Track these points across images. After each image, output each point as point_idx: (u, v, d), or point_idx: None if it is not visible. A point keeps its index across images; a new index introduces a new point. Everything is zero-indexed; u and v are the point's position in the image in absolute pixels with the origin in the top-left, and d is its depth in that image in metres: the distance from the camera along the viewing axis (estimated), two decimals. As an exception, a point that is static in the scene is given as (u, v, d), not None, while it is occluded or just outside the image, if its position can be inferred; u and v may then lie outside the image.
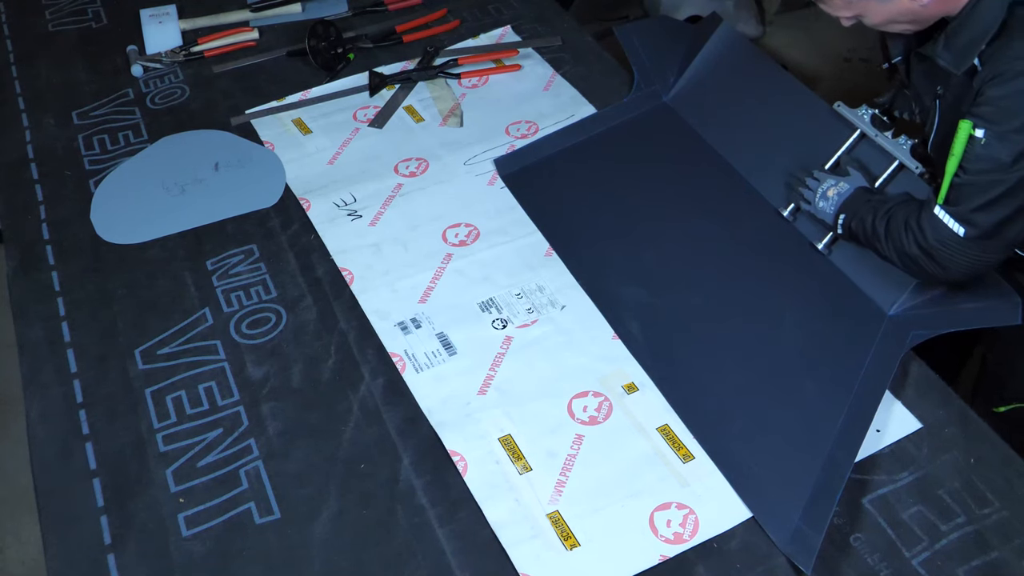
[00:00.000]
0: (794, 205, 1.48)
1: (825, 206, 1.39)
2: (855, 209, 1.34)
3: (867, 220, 1.31)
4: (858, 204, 1.34)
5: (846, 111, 1.46)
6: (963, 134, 1.18)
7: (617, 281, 1.45)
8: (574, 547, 1.14)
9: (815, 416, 1.25)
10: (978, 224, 1.19)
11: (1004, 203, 1.17)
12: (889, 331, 1.32)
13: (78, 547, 1.16)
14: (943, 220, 1.21)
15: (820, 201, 1.40)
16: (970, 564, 1.10)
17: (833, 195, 1.38)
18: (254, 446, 1.26)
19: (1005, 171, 1.16)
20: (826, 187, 1.39)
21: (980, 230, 1.19)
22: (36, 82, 1.91)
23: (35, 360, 1.38)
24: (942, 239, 1.21)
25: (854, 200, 1.35)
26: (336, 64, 1.90)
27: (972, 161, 1.18)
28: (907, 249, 1.25)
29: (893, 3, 1.24)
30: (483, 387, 1.32)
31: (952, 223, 1.20)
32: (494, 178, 1.64)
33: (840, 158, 1.46)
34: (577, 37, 1.95)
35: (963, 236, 1.20)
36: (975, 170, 1.18)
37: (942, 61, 1.25)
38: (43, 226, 1.59)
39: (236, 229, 1.57)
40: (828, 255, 1.43)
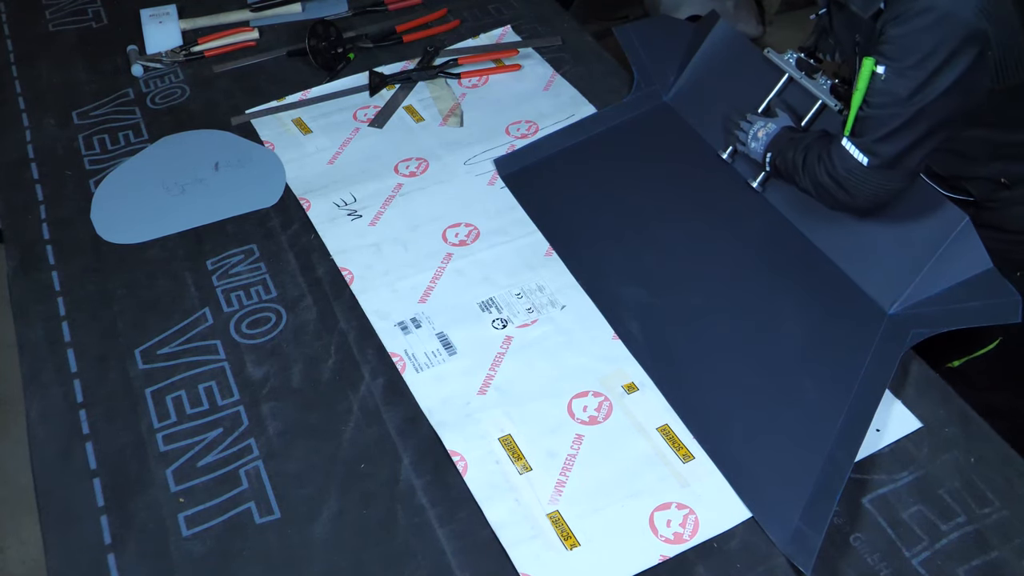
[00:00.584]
0: (732, 148, 1.59)
1: (756, 146, 1.49)
2: (780, 147, 1.44)
3: (788, 156, 1.41)
4: (782, 142, 1.45)
5: (774, 56, 1.56)
6: (866, 70, 1.27)
7: (617, 281, 1.45)
8: (574, 547, 1.14)
9: (815, 416, 1.25)
10: (880, 154, 1.28)
11: (903, 135, 1.26)
12: (889, 330, 1.32)
13: (78, 547, 1.17)
14: (849, 151, 1.30)
15: (752, 142, 1.50)
16: (970, 564, 1.10)
17: (762, 135, 1.49)
18: (254, 446, 1.26)
19: (903, 105, 1.24)
20: (756, 128, 1.50)
21: (882, 159, 1.28)
22: (36, 82, 1.91)
23: (35, 360, 1.38)
24: (849, 168, 1.31)
25: (779, 138, 1.46)
26: (336, 64, 1.90)
27: (874, 95, 1.27)
28: (819, 178, 1.35)
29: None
30: (483, 387, 1.32)
31: (857, 153, 1.30)
32: (494, 178, 1.64)
33: (770, 101, 1.56)
34: (577, 37, 1.95)
35: (867, 165, 1.29)
36: (877, 104, 1.27)
37: (853, 6, 1.33)
38: (43, 226, 1.59)
39: (236, 229, 1.57)
40: (762, 192, 1.54)
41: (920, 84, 1.23)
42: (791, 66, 1.53)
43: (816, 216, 1.47)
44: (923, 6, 1.21)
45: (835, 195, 1.34)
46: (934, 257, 1.31)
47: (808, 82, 1.50)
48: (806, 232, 1.48)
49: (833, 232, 1.45)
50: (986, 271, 1.29)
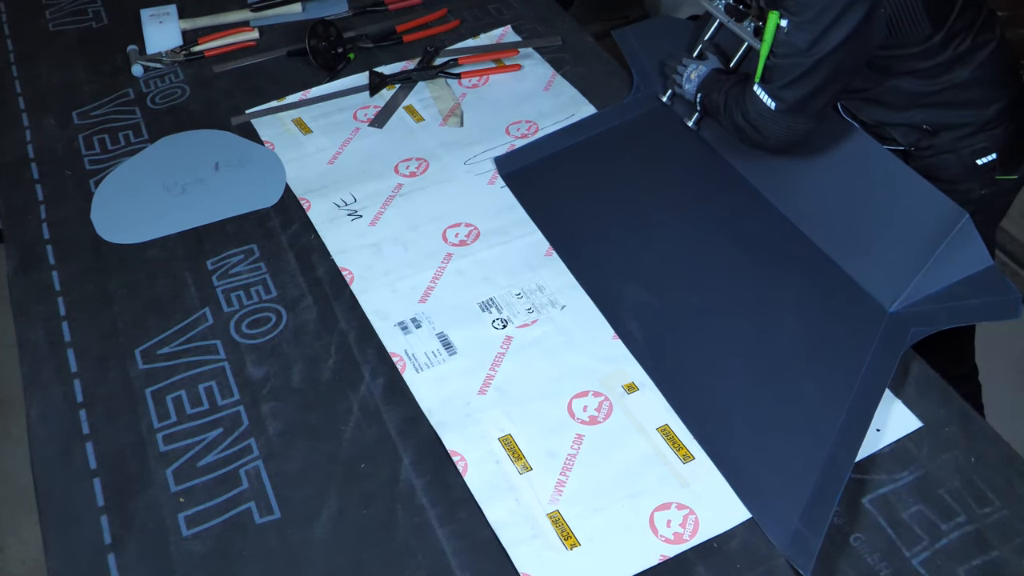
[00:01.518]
0: (671, 91, 1.69)
1: (689, 88, 1.61)
2: (708, 88, 1.57)
3: (714, 96, 1.54)
4: (711, 83, 1.57)
5: (705, 2, 1.65)
6: (772, 23, 1.38)
7: (617, 281, 1.45)
8: (574, 547, 1.14)
9: (815, 415, 1.25)
10: (785, 99, 1.39)
11: (805, 82, 1.37)
12: (889, 329, 1.32)
13: (78, 547, 1.16)
14: (759, 96, 1.42)
15: (686, 84, 1.62)
16: (970, 563, 1.10)
17: (695, 77, 1.60)
18: (254, 446, 1.26)
19: (803, 55, 1.35)
20: (689, 71, 1.61)
21: (787, 104, 1.40)
22: (36, 82, 1.91)
23: (35, 360, 1.38)
24: (759, 111, 1.42)
25: (708, 80, 1.58)
26: (336, 64, 1.90)
27: (778, 46, 1.38)
28: (736, 120, 1.47)
29: None
30: (483, 387, 1.32)
31: (766, 98, 1.41)
32: (494, 178, 1.64)
33: (703, 45, 1.66)
34: (577, 37, 1.95)
35: (774, 109, 1.41)
36: (781, 54, 1.38)
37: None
38: (43, 226, 1.59)
39: (236, 229, 1.57)
40: (698, 131, 1.65)
41: (816, 36, 1.33)
42: (720, 11, 1.62)
43: (817, 215, 1.47)
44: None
45: (750, 136, 1.47)
46: (934, 255, 1.31)
47: (735, 26, 1.59)
48: (806, 231, 1.48)
49: (833, 231, 1.45)
50: (987, 268, 1.29)
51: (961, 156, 1.52)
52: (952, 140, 1.51)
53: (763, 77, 1.42)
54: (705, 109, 1.60)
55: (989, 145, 1.51)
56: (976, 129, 1.50)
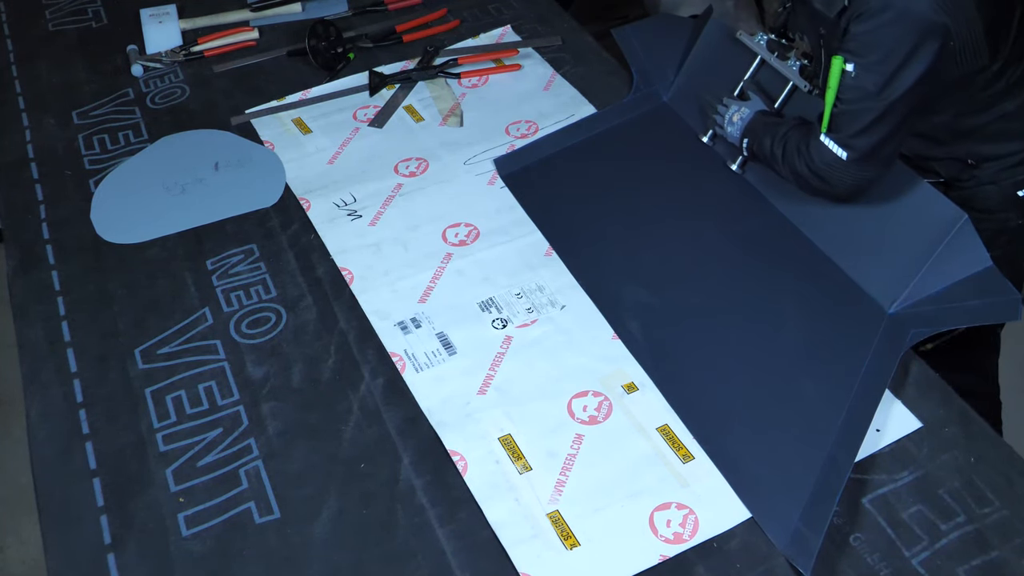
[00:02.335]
0: (712, 132, 1.60)
1: (732, 131, 1.52)
2: (755, 132, 1.48)
3: (766, 143, 1.45)
4: (758, 127, 1.48)
5: (745, 38, 1.57)
6: (836, 69, 1.30)
7: (617, 281, 1.45)
8: (574, 547, 1.14)
9: (815, 416, 1.25)
10: (857, 147, 1.32)
11: (877, 128, 1.31)
12: (889, 330, 1.32)
13: (78, 547, 1.16)
14: (827, 145, 1.35)
15: (728, 126, 1.53)
16: (970, 564, 1.10)
17: (737, 120, 1.51)
18: (254, 446, 1.26)
19: (874, 100, 1.29)
20: (731, 113, 1.53)
21: (859, 152, 1.33)
22: (36, 82, 1.91)
23: (35, 360, 1.38)
24: (827, 162, 1.35)
25: (755, 124, 1.49)
26: (336, 64, 1.90)
27: (845, 92, 1.31)
28: (799, 170, 1.39)
29: None
30: (483, 387, 1.32)
31: (835, 148, 1.34)
32: (494, 178, 1.64)
33: (744, 84, 1.58)
34: (577, 37, 1.95)
35: (845, 159, 1.33)
36: (849, 100, 1.31)
37: (817, 4, 1.38)
38: (43, 226, 1.59)
39: (236, 229, 1.57)
40: (742, 175, 1.56)
41: (887, 79, 1.27)
42: (762, 48, 1.55)
43: (816, 216, 1.47)
44: (882, 3, 1.26)
45: (815, 185, 1.39)
46: (933, 256, 1.31)
47: (779, 64, 1.52)
48: (806, 231, 1.48)
49: (833, 231, 1.45)
50: (986, 269, 1.29)
51: (1003, 187, 1.48)
52: (995, 172, 1.48)
53: (830, 126, 1.34)
54: (752, 154, 1.51)
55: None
56: (1020, 160, 1.46)
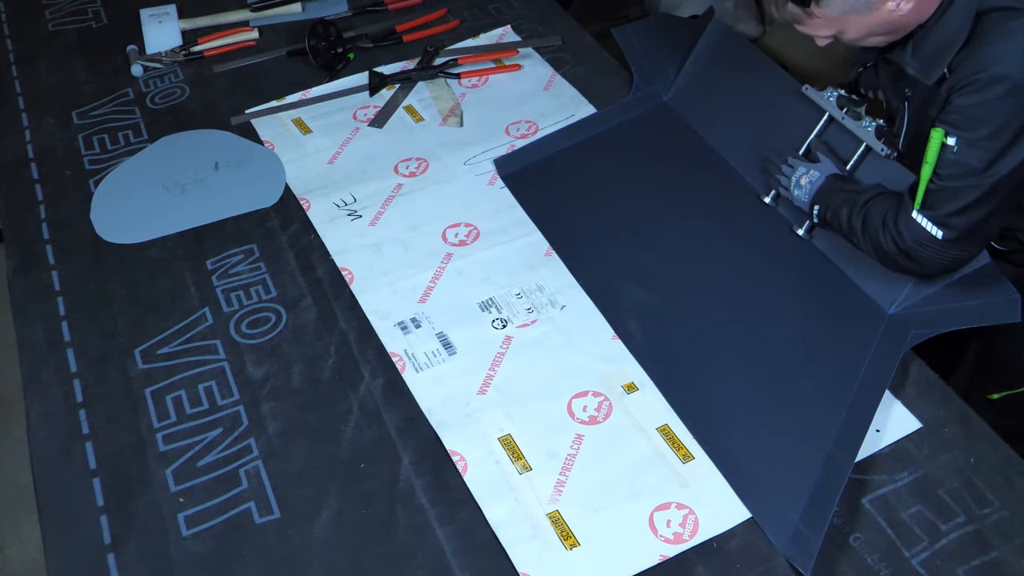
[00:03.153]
0: (775, 192, 1.50)
1: (800, 194, 1.41)
2: (828, 199, 1.36)
3: (842, 213, 1.33)
4: (831, 194, 1.36)
5: (813, 94, 1.47)
6: (935, 142, 1.20)
7: (617, 281, 1.45)
8: (574, 547, 1.14)
9: (815, 416, 1.25)
10: (955, 227, 1.22)
11: (979, 207, 1.21)
12: (889, 330, 1.32)
13: (78, 547, 1.16)
14: (920, 223, 1.24)
15: (795, 189, 1.42)
16: (970, 564, 1.10)
17: (806, 183, 1.40)
18: (254, 446, 1.26)
19: (978, 176, 1.19)
20: (799, 175, 1.42)
21: (958, 232, 1.23)
22: (36, 82, 1.91)
23: (35, 360, 1.38)
24: (920, 240, 1.24)
25: (827, 189, 1.37)
26: (336, 64, 1.90)
27: (945, 167, 1.21)
28: (884, 247, 1.28)
29: (873, 14, 1.24)
30: (483, 387, 1.32)
31: (929, 226, 1.23)
32: (494, 178, 1.64)
33: (811, 143, 1.47)
34: (577, 37, 1.95)
35: (941, 238, 1.23)
36: (949, 175, 1.21)
37: (911, 69, 1.29)
38: (43, 226, 1.59)
39: (236, 229, 1.57)
40: (809, 239, 1.45)
41: (996, 155, 1.18)
42: (831, 105, 1.43)
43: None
44: (994, 75, 1.17)
45: (902, 263, 1.28)
46: None
47: (851, 123, 1.40)
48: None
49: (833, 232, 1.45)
50: (984, 266, 1.29)
51: None
52: None
53: (924, 202, 1.23)
54: (826, 223, 1.39)
55: None
56: None
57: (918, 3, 1.23)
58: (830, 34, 1.29)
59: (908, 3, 1.22)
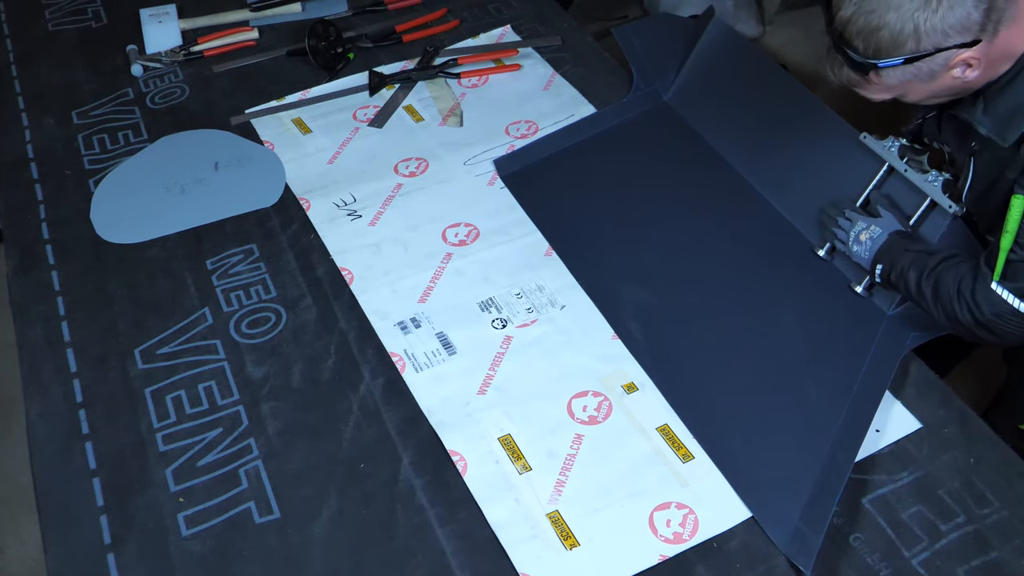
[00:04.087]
0: (830, 245, 1.42)
1: (859, 251, 1.33)
2: (893, 259, 1.28)
3: (910, 276, 1.25)
4: (896, 254, 1.28)
5: (872, 143, 1.38)
6: (1016, 210, 1.13)
7: (617, 281, 1.45)
8: (574, 547, 1.14)
9: (815, 416, 1.25)
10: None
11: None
12: (889, 331, 1.32)
13: (78, 547, 1.17)
14: (1000, 294, 1.17)
15: (854, 245, 1.34)
16: (970, 564, 1.10)
17: (866, 239, 1.32)
18: (254, 446, 1.26)
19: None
20: (858, 230, 1.34)
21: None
22: (36, 82, 1.91)
23: (35, 360, 1.38)
24: (1000, 313, 1.17)
25: (891, 248, 1.29)
26: (336, 64, 1.90)
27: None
28: (960, 317, 1.20)
29: (937, 82, 1.16)
30: (483, 387, 1.32)
31: (1011, 298, 1.16)
32: (494, 178, 1.64)
33: (870, 194, 1.39)
34: (577, 37, 1.95)
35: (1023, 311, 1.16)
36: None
37: (983, 129, 1.21)
38: (43, 226, 1.59)
39: (236, 229, 1.57)
40: (870, 297, 1.38)
41: None
42: (893, 156, 1.36)
43: (815, 217, 1.47)
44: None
45: (976, 333, 1.21)
46: None
47: (916, 176, 1.32)
48: (805, 232, 1.48)
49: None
50: None
51: None
52: None
53: (1004, 274, 1.16)
54: (889, 283, 1.30)
55: None
56: None
57: (986, 69, 1.15)
58: (889, 97, 1.22)
59: (975, 72, 1.14)
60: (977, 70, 1.14)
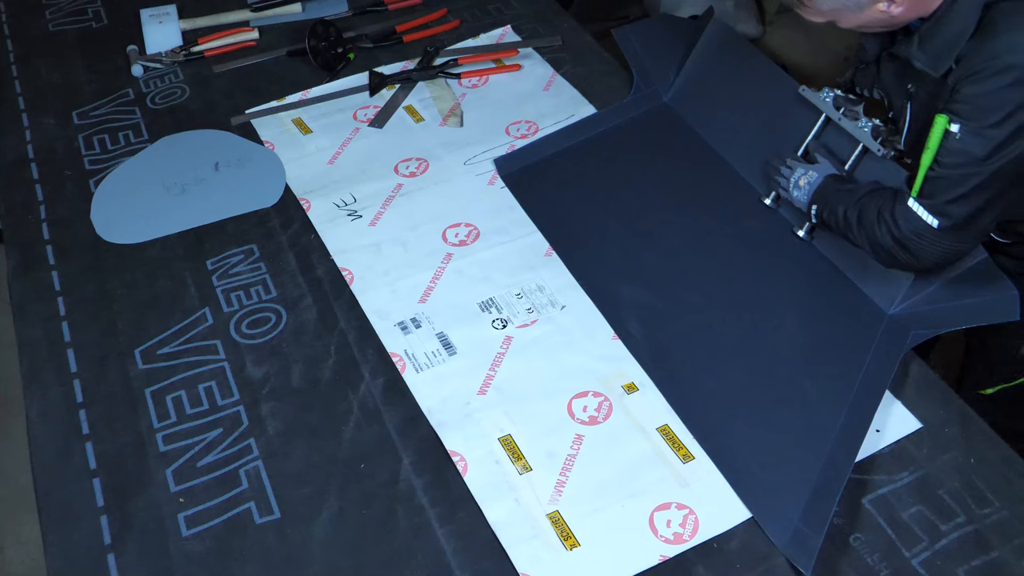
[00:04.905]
0: (775, 193, 1.51)
1: (799, 195, 1.42)
2: (826, 199, 1.37)
3: (838, 210, 1.34)
4: (829, 194, 1.37)
5: (809, 94, 1.47)
6: (938, 129, 1.21)
7: (617, 281, 1.45)
8: (574, 547, 1.14)
9: (815, 416, 1.25)
10: (952, 215, 1.22)
11: (977, 195, 1.21)
12: (889, 330, 1.32)
13: (78, 547, 1.16)
14: (917, 212, 1.24)
15: (794, 190, 1.43)
16: (970, 564, 1.10)
17: (804, 184, 1.41)
18: (254, 446, 1.26)
19: (979, 164, 1.19)
20: (797, 176, 1.43)
21: (953, 221, 1.22)
22: (36, 82, 1.91)
23: (35, 360, 1.38)
24: (916, 230, 1.24)
25: (825, 189, 1.38)
26: (336, 64, 1.90)
27: (946, 155, 1.21)
28: (880, 239, 1.28)
29: (865, 12, 1.25)
30: (483, 387, 1.32)
31: (926, 215, 1.23)
32: (494, 178, 1.64)
33: (809, 144, 1.48)
34: (577, 37, 1.95)
35: (937, 227, 1.23)
36: (950, 164, 1.21)
37: (918, 63, 1.28)
38: (43, 226, 1.59)
39: (236, 229, 1.57)
40: (810, 242, 1.46)
41: (999, 144, 1.18)
42: (828, 106, 1.44)
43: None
44: (1003, 65, 1.17)
45: (897, 256, 1.27)
46: None
47: (848, 124, 1.40)
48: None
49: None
50: (983, 263, 1.29)
51: None
52: None
53: (922, 191, 1.24)
54: (824, 223, 1.39)
55: None
56: None
57: (912, 6, 1.24)
58: (823, 21, 1.31)
59: (899, 7, 1.23)
60: (901, 6, 1.23)
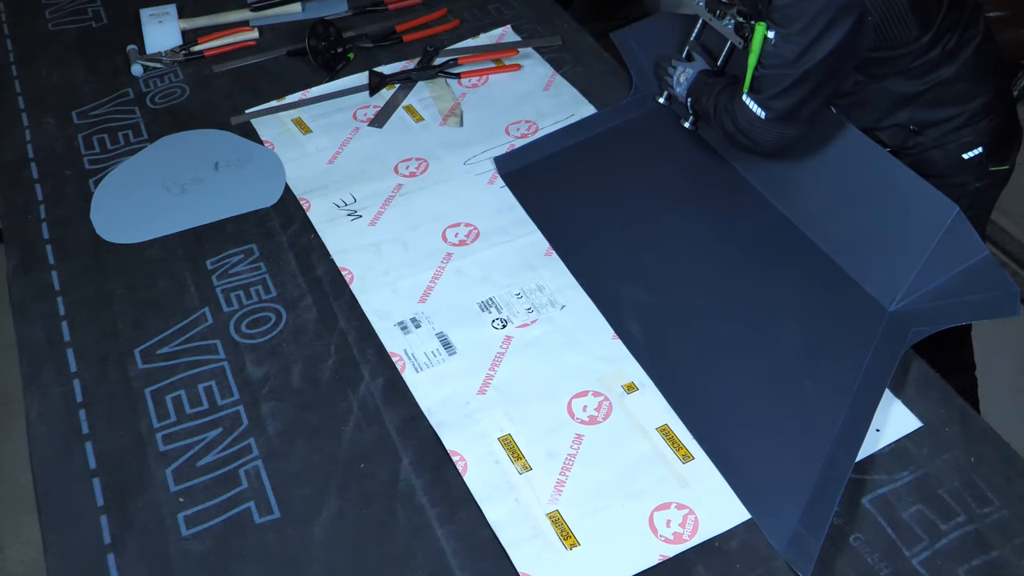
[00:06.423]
0: (667, 92, 1.70)
1: (680, 90, 1.62)
2: (697, 92, 1.58)
3: (702, 101, 1.55)
4: (699, 87, 1.58)
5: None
6: (759, 35, 1.38)
7: (617, 281, 1.45)
8: (574, 547, 1.14)
9: (815, 415, 1.25)
10: (775, 108, 1.40)
11: (794, 92, 1.38)
12: (889, 328, 1.32)
13: (78, 547, 1.16)
14: (749, 105, 1.43)
15: (676, 87, 1.63)
16: (970, 564, 1.10)
17: (683, 80, 1.62)
18: (254, 446, 1.26)
19: (791, 66, 1.36)
20: (678, 73, 1.63)
21: (777, 113, 1.40)
22: (36, 82, 1.91)
23: (35, 360, 1.38)
24: (749, 120, 1.43)
25: (697, 83, 1.59)
26: (336, 64, 1.90)
27: (766, 57, 1.39)
28: (726, 127, 1.48)
29: None
30: (483, 387, 1.32)
31: (755, 108, 1.42)
32: (494, 178, 1.64)
33: (689, 45, 1.66)
34: (577, 37, 1.95)
35: (764, 118, 1.41)
36: (769, 65, 1.39)
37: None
38: (43, 226, 1.59)
39: (236, 229, 1.57)
40: (695, 130, 1.66)
41: (804, 48, 1.34)
42: (702, 9, 1.61)
43: (815, 214, 1.47)
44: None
45: (740, 142, 1.47)
46: (929, 250, 1.31)
47: (716, 23, 1.58)
48: (805, 230, 1.48)
49: (831, 229, 1.45)
50: (982, 258, 1.29)
51: (947, 151, 1.51)
52: (938, 136, 1.50)
53: (752, 87, 1.42)
54: (696, 112, 1.61)
55: (975, 139, 1.49)
56: (962, 124, 1.49)
57: None
58: None
59: None
60: None
